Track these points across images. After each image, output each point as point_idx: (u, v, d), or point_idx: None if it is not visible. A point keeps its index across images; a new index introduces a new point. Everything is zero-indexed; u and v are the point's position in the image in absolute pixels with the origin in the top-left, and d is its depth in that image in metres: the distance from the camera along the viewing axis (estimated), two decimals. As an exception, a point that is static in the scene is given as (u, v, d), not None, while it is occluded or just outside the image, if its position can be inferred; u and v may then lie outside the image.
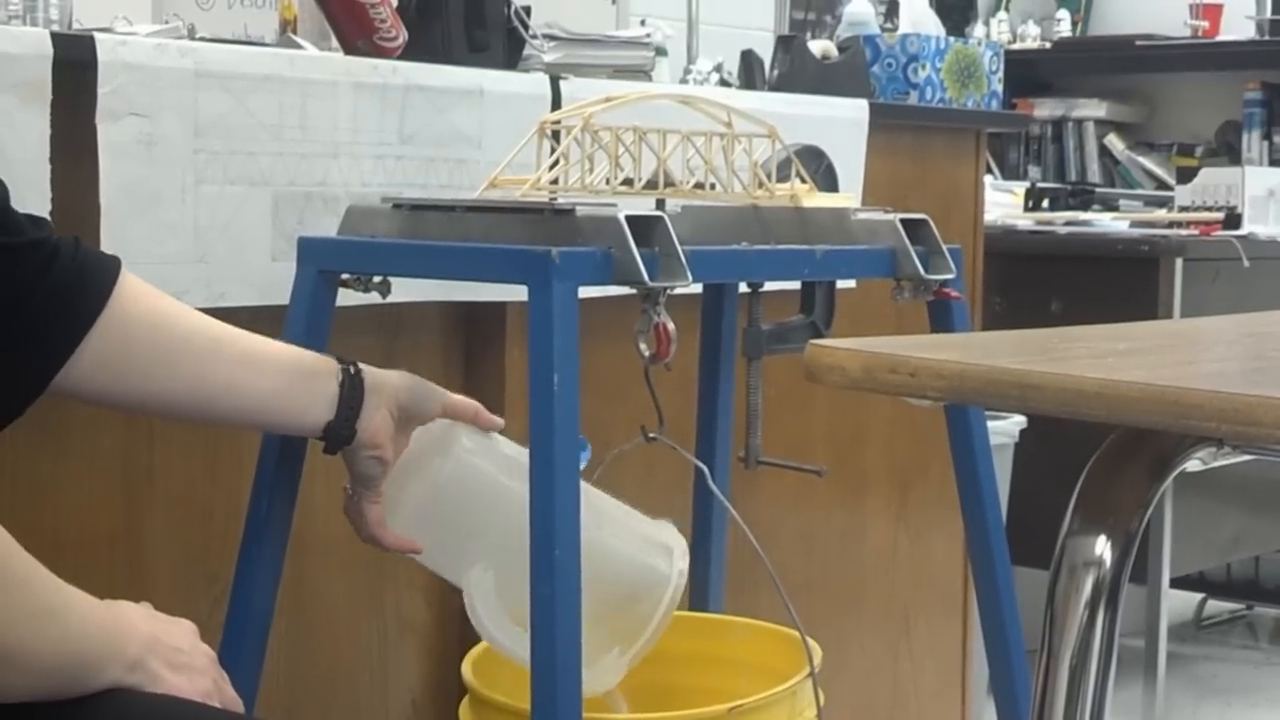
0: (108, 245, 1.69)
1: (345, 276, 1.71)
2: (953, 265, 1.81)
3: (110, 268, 1.40)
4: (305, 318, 1.70)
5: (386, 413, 1.53)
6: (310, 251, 1.72)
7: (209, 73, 1.75)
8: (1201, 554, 3.64)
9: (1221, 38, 5.13)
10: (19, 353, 1.33)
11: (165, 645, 1.25)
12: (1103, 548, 0.97)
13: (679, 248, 1.54)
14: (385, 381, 1.54)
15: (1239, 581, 4.23)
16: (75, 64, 1.65)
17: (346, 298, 1.73)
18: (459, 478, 1.57)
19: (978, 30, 5.18)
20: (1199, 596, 4.27)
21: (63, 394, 1.38)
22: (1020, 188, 4.19)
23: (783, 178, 1.82)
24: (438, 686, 2.07)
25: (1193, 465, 0.99)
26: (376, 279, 1.72)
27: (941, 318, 1.85)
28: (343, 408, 1.51)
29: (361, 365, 1.54)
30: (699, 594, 2.07)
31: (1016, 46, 5.22)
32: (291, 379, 1.49)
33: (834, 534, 2.60)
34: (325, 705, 1.98)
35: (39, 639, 1.15)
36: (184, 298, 1.75)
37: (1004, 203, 3.95)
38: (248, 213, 1.80)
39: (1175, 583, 3.53)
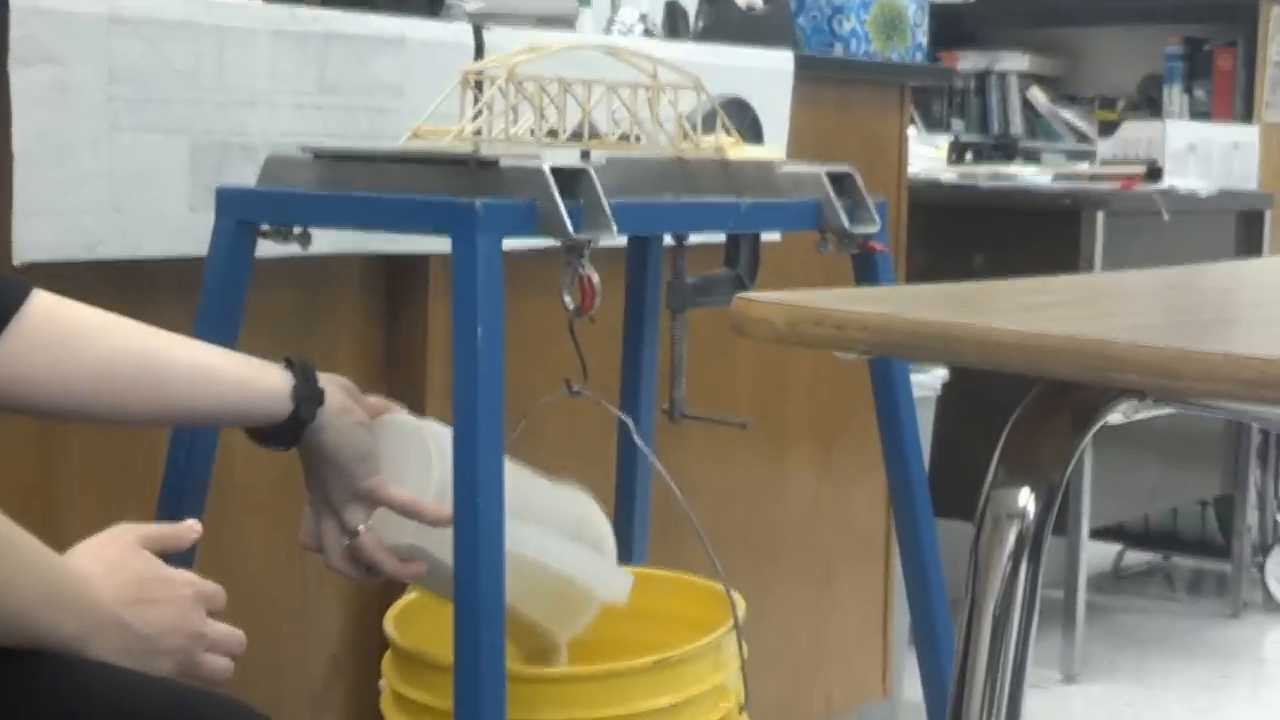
0: (21, 194, 1.66)
1: (265, 227, 1.69)
2: (877, 218, 1.81)
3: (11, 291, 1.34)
4: (224, 269, 1.67)
5: (336, 386, 1.50)
6: (229, 202, 1.69)
7: (123, 18, 1.72)
8: (1120, 505, 3.69)
9: (1144, -8, 5.15)
10: None
11: (119, 627, 1.21)
12: (1026, 500, 0.97)
13: (604, 200, 1.53)
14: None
15: (1157, 533, 4.28)
16: (-14, 9, 1.62)
17: (266, 249, 1.70)
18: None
19: (903, -17, 5.17)
20: (1117, 547, 4.32)
21: None
22: (943, 140, 4.21)
23: (708, 130, 1.81)
24: (359, 640, 2.06)
25: (1115, 418, 0.99)
26: (296, 230, 1.70)
27: (866, 270, 1.85)
28: (300, 377, 1.45)
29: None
30: (622, 548, 2.07)
31: (941, -1, 5.22)
32: (240, 372, 1.44)
33: (757, 486, 2.60)
34: (245, 659, 1.96)
35: None
36: (100, 248, 1.73)
37: (927, 155, 3.96)
38: (164, 162, 1.78)
39: (1094, 534, 3.58)
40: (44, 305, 1.35)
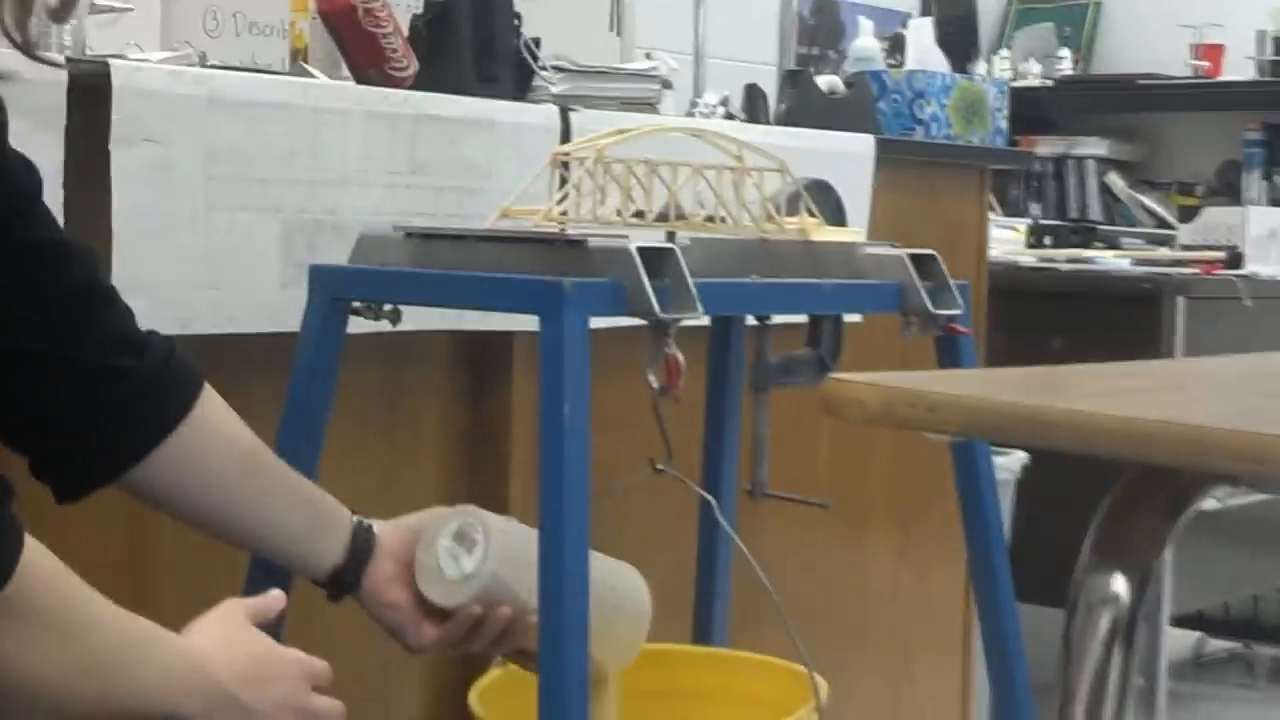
0: (119, 269, 1.69)
1: (356, 304, 1.71)
2: (961, 301, 1.81)
3: (196, 378, 1.40)
4: (315, 345, 1.70)
5: (398, 564, 1.50)
6: (322, 279, 1.72)
7: (222, 99, 1.75)
8: (1201, 593, 3.64)
9: (1222, 78, 5.14)
10: (98, 436, 1.34)
11: (235, 705, 1.25)
12: (1120, 585, 0.97)
13: (689, 280, 1.54)
14: (395, 540, 1.51)
15: (1238, 620, 4.22)
16: (89, 90, 1.66)
17: (355, 325, 1.73)
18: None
19: (980, 67, 5.19)
20: (1197, 635, 4.26)
21: (128, 490, 1.40)
22: (1021, 224, 4.20)
23: (791, 211, 1.82)
24: (442, 717, 2.06)
25: (1208, 504, 0.99)
26: (387, 307, 1.72)
27: (949, 353, 1.85)
28: (351, 558, 1.49)
29: (374, 522, 1.52)
30: (703, 627, 2.07)
31: (1020, 84, 5.23)
32: (317, 519, 1.48)
33: (836, 567, 2.60)
34: (327, 733, 1.97)
35: (81, 691, 1.16)
36: (195, 323, 1.76)
37: (1006, 239, 3.95)
38: (258, 239, 1.81)
39: (1174, 621, 3.53)
40: (210, 409, 1.40)
